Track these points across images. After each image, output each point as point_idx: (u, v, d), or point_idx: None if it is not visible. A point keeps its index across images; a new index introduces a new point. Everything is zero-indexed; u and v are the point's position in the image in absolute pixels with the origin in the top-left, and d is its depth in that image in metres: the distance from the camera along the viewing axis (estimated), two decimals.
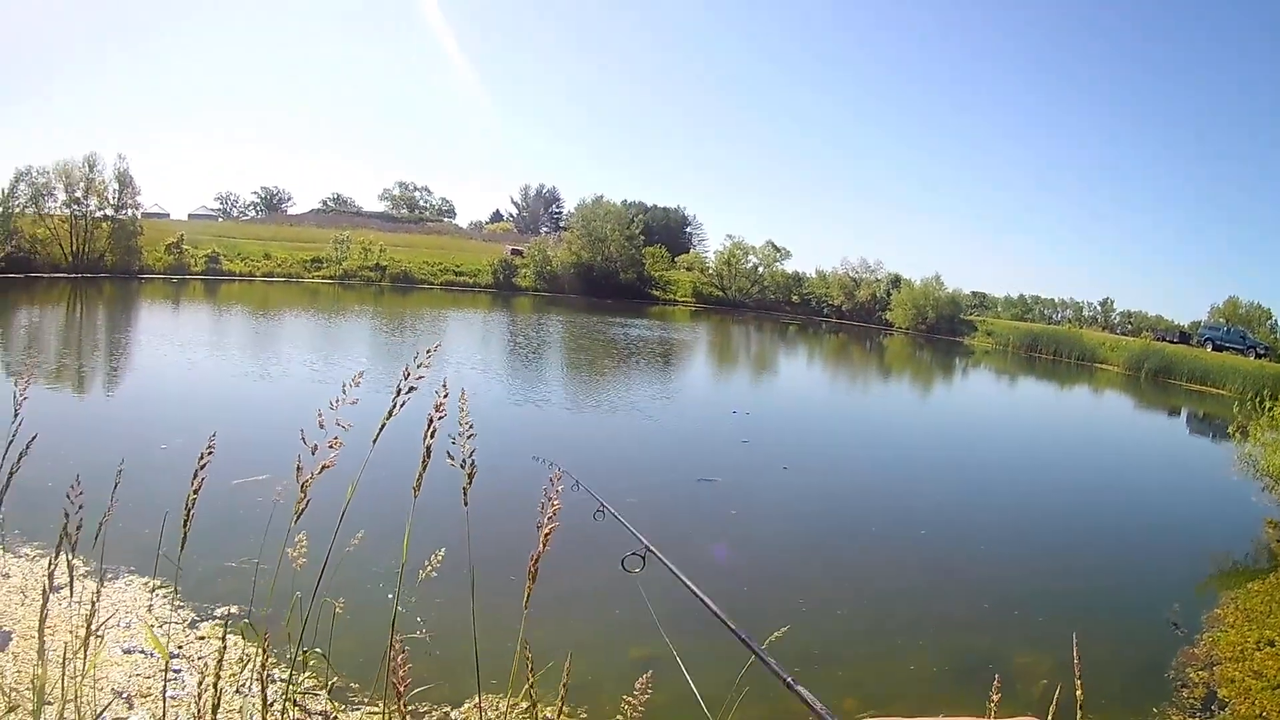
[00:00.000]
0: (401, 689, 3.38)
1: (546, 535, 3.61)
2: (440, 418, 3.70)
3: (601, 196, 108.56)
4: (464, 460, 3.74)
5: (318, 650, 7.44)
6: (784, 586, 12.93)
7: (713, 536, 14.84)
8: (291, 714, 7.24)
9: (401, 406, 3.62)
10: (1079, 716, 3.98)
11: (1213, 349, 78.87)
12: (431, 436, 3.67)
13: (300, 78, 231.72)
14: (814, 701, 1.97)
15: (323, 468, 3.58)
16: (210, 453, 3.85)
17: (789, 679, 2.69)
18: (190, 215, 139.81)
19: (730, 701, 6.13)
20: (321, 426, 3.59)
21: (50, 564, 3.64)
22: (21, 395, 4.23)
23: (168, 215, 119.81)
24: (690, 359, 47.17)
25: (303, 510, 3.82)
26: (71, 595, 4.37)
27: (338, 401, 3.58)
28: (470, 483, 3.79)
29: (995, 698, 3.73)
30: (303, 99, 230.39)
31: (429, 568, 4.59)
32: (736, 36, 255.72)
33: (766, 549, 14.82)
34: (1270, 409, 21.13)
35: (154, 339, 35.04)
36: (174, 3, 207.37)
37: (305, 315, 51.63)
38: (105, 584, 9.21)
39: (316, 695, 7.72)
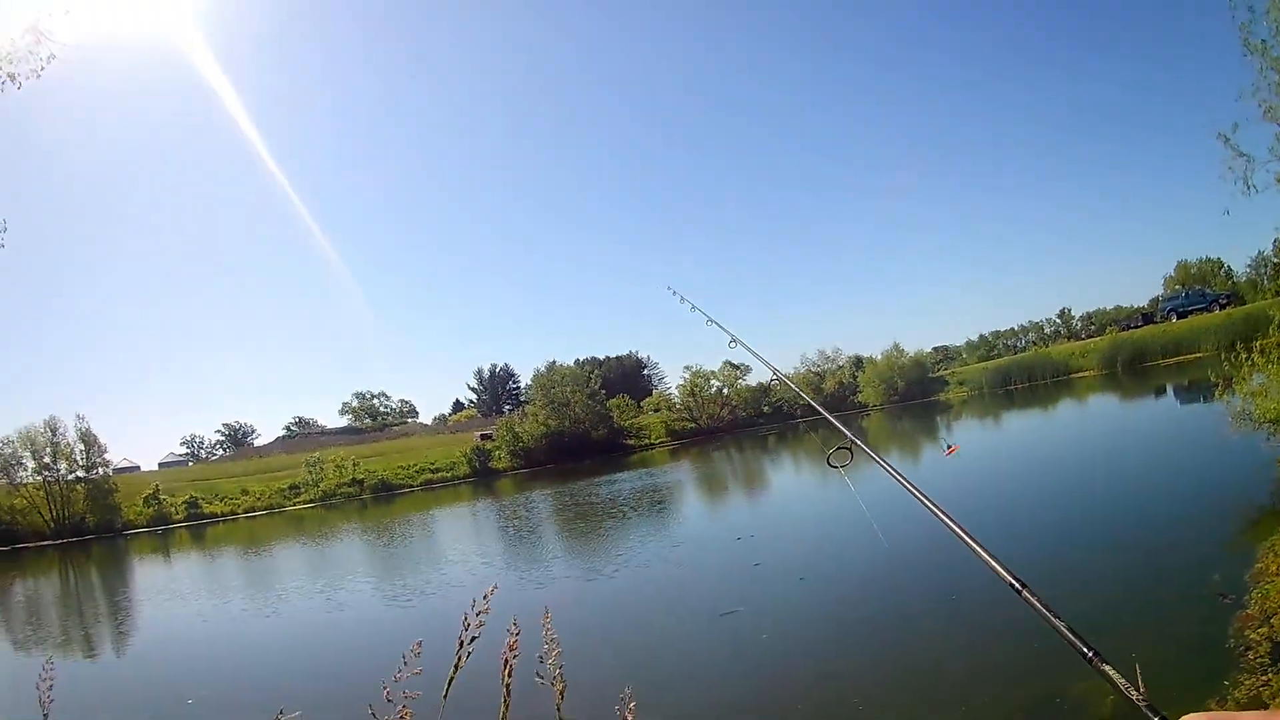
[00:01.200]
0: None
1: None
2: (515, 656, 3.54)
3: (555, 361, 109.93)
4: (554, 676, 3.62)
5: None
6: (836, 691, 12.63)
7: (750, 666, 14.75)
8: None
9: (468, 657, 3.43)
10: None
11: (1178, 318, 79.44)
12: (509, 675, 3.49)
13: (240, 310, 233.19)
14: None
15: None
16: None
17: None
18: (160, 464, 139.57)
19: None
20: (389, 700, 3.39)
21: None
22: (47, 696, 3.85)
23: (138, 468, 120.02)
24: (683, 497, 46.08)
25: None
26: None
27: (400, 673, 3.38)
28: (563, 698, 3.67)
29: None
30: (247, 331, 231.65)
31: None
32: (635, 167, 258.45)
33: (806, 662, 14.69)
34: (1248, 357, 20.77)
35: (155, 595, 34.73)
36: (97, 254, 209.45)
37: (297, 544, 50.80)
38: None
39: None
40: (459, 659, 3.39)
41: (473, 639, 3.41)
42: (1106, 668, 1.28)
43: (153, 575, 45.91)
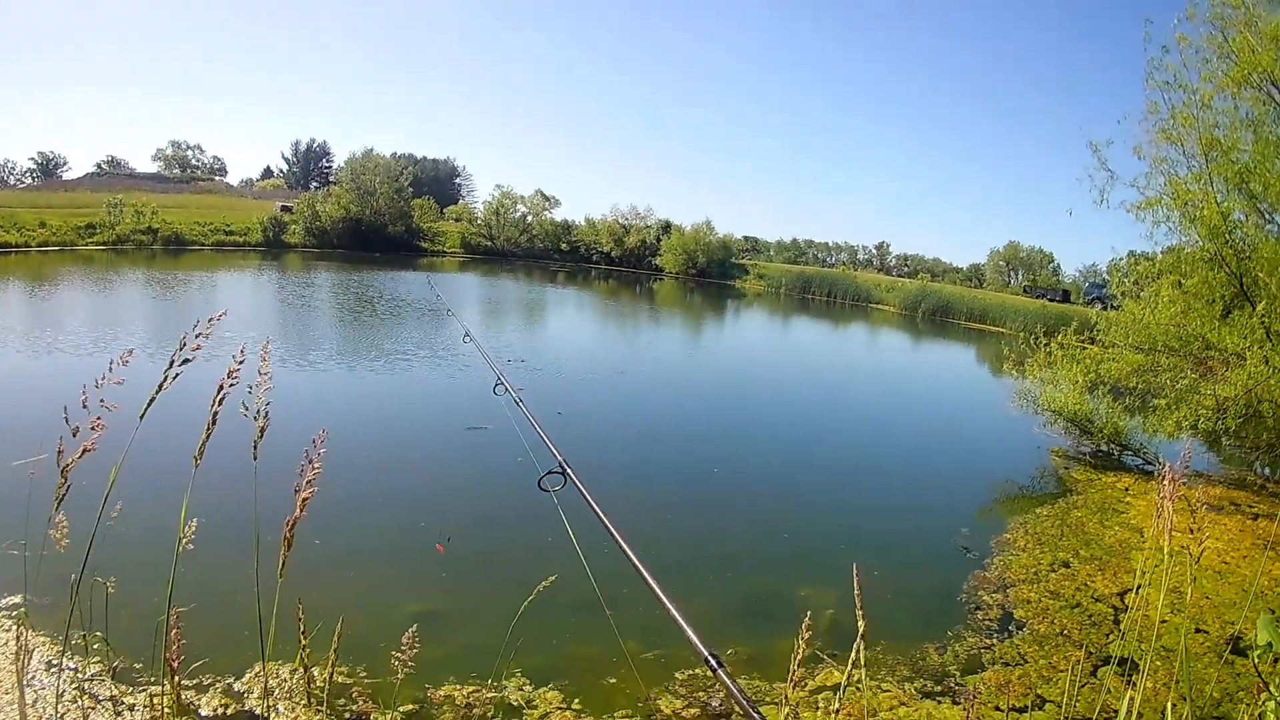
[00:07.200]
0: (175, 665, 3.37)
1: (304, 500, 3.46)
2: (232, 384, 3.48)
3: (371, 150, 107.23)
4: (258, 411, 3.53)
5: (98, 634, 7.10)
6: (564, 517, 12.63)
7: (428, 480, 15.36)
8: (82, 702, 6.92)
9: (175, 379, 3.33)
10: (860, 645, 3.79)
11: (1102, 307, 79.62)
12: (220, 403, 3.42)
13: (75, 27, 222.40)
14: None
15: (83, 451, 3.24)
16: None
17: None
18: None
19: None
20: (85, 406, 3.25)
21: None
22: None
23: None
24: (465, 311, 45.51)
25: (63, 496, 3.50)
26: None
27: (104, 380, 3.24)
28: (262, 436, 3.59)
29: (805, 635, 3.48)
30: (78, 51, 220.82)
31: (186, 538, 4.17)
32: None
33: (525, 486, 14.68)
34: (1047, 345, 21.95)
35: None
36: None
37: (81, 285, 48.88)
38: None
39: (103, 680, 7.23)
40: (165, 379, 3.35)
41: (185, 360, 3.35)
42: None
43: None
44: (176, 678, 3.17)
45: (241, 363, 3.45)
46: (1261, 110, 17.68)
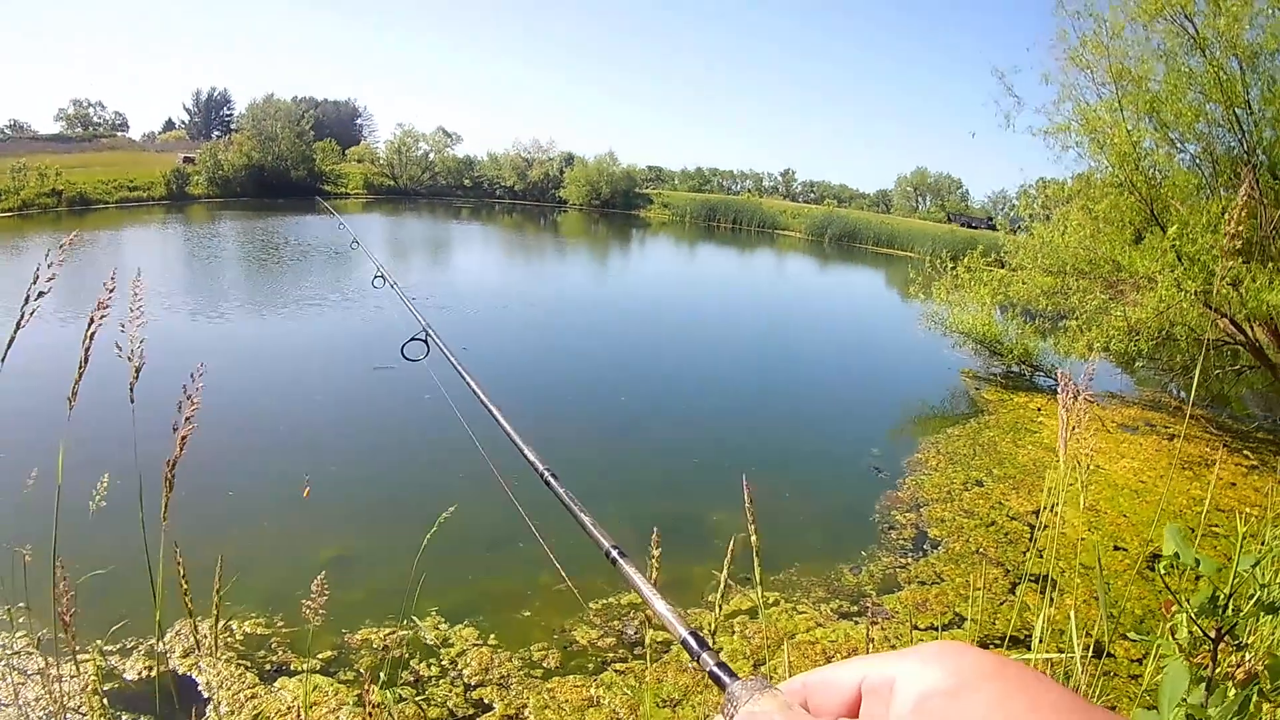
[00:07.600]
0: (70, 629, 3.60)
1: (183, 439, 3.31)
2: (103, 316, 3.22)
3: (273, 95, 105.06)
4: (131, 351, 3.28)
5: (21, 604, 6.83)
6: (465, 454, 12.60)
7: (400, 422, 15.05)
8: (11, 678, 6.94)
9: (33, 314, 3.10)
10: (755, 561, 3.76)
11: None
12: (91, 338, 3.21)
13: None
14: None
15: None
16: None
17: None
18: None
19: None
20: None
21: None
22: None
23: None
24: (371, 251, 44.38)
25: None
26: None
27: None
28: (137, 377, 3.38)
29: (656, 553, 3.68)
30: None
31: (98, 496, 4.02)
32: None
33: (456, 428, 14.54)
34: (953, 269, 22.33)
35: None
36: None
37: None
38: None
39: (31, 653, 7.25)
40: (23, 315, 3.12)
41: (40, 294, 3.09)
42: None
43: None
44: (73, 638, 3.07)
45: (112, 290, 3.23)
46: (1174, 42, 17.74)
